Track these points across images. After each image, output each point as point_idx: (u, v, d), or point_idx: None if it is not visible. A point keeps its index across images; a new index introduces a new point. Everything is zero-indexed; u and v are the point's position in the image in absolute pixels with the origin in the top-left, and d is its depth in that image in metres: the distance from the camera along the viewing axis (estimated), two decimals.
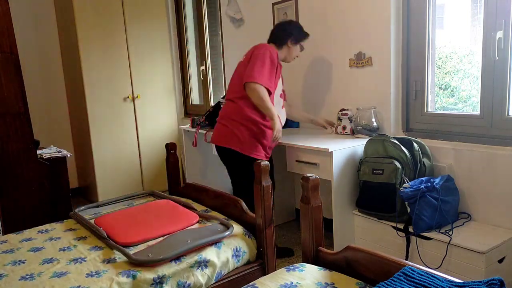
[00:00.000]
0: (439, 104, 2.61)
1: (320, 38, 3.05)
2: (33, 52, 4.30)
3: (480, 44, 2.26)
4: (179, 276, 1.70)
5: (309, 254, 1.67)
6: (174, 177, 2.73)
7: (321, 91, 3.13)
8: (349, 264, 1.52)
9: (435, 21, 2.50)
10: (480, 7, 2.28)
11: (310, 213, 1.62)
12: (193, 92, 4.81)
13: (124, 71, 4.25)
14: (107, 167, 4.22)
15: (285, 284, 1.46)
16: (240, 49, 3.83)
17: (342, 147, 2.49)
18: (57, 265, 1.72)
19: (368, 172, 2.41)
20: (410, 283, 1.25)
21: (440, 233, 2.13)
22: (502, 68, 2.18)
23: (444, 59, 2.58)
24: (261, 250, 2.00)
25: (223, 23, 3.99)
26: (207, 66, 4.45)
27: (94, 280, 1.59)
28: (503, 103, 2.20)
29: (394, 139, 2.39)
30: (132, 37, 4.26)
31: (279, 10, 3.36)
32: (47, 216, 2.91)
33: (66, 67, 4.46)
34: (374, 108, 2.71)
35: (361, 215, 2.51)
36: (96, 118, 4.10)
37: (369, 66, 2.74)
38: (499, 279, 1.16)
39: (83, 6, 3.95)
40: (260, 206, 1.95)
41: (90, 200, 4.38)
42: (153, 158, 4.54)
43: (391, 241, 2.33)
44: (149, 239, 1.90)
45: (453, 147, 2.37)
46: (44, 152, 3.22)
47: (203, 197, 2.44)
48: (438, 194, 2.17)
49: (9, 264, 1.75)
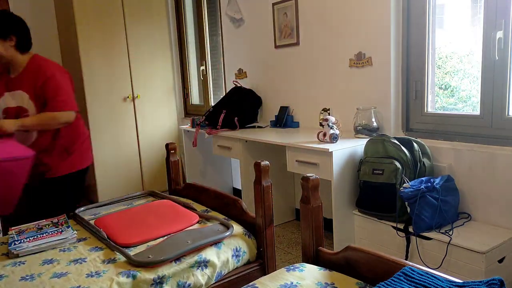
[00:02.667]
0: (439, 104, 2.61)
1: (320, 38, 3.05)
2: (33, 52, 4.29)
3: (480, 44, 2.26)
4: (179, 276, 1.70)
5: (309, 254, 1.67)
6: (174, 177, 2.73)
7: (321, 91, 3.13)
8: (349, 264, 1.52)
9: (435, 21, 2.50)
10: (480, 7, 2.28)
11: (310, 213, 1.62)
12: (193, 92, 4.81)
13: (124, 71, 4.25)
14: (107, 167, 4.22)
15: (285, 284, 1.46)
16: (240, 49, 3.84)
17: (342, 147, 2.49)
18: (57, 266, 1.72)
19: (368, 172, 2.41)
20: (410, 283, 1.26)
21: (440, 233, 2.13)
22: (502, 68, 2.18)
23: (444, 59, 2.58)
24: (261, 250, 2.00)
25: (223, 23, 3.99)
26: (207, 66, 4.45)
27: (94, 280, 1.59)
28: (503, 103, 2.20)
29: (394, 139, 2.39)
30: (132, 37, 4.26)
31: (279, 10, 3.36)
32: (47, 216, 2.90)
33: (66, 67, 4.45)
34: (374, 108, 2.71)
35: (361, 215, 2.51)
36: (96, 118, 4.10)
37: (369, 66, 2.74)
38: (499, 279, 1.16)
39: (83, 6, 3.95)
40: (260, 206, 1.95)
41: (90, 200, 4.38)
42: (153, 158, 4.54)
43: (391, 241, 2.33)
44: (149, 239, 1.90)
45: (453, 147, 2.37)
46: None
47: (203, 197, 2.44)
48: (438, 194, 2.18)
49: (9, 265, 1.75)
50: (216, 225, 1.99)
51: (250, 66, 3.77)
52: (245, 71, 3.83)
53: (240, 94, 3.69)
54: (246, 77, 3.83)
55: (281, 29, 3.37)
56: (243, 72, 3.85)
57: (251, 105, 3.64)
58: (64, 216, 2.21)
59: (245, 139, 3.17)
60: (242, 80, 3.87)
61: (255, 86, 3.74)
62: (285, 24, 3.33)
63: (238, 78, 3.92)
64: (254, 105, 3.67)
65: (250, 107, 3.63)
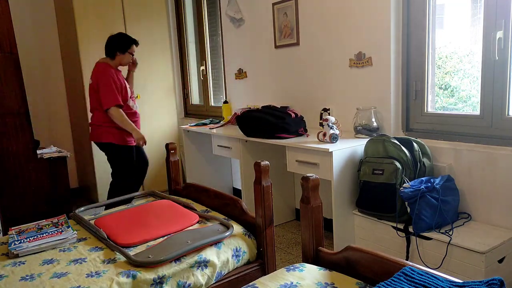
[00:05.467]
0: (439, 104, 2.61)
1: (320, 38, 3.05)
2: (33, 52, 4.30)
3: (480, 44, 2.26)
4: (179, 276, 1.71)
5: (309, 254, 1.67)
6: (174, 177, 2.73)
7: (321, 91, 3.13)
8: (349, 264, 1.52)
9: (435, 21, 2.50)
10: (480, 7, 2.28)
11: (310, 213, 1.62)
12: (193, 92, 4.81)
13: (124, 71, 4.24)
14: (107, 167, 4.19)
15: (285, 284, 1.46)
16: (240, 49, 3.84)
17: (342, 147, 2.49)
18: (57, 266, 1.72)
19: (368, 172, 2.41)
20: (410, 283, 1.26)
21: (440, 233, 2.13)
22: (502, 68, 2.18)
23: (444, 59, 2.58)
24: (261, 250, 2.00)
25: (223, 23, 3.99)
26: (207, 66, 4.45)
27: (94, 280, 1.59)
28: (503, 103, 2.20)
29: (395, 139, 2.39)
30: (132, 37, 4.25)
31: (279, 10, 3.36)
32: (47, 216, 2.91)
33: (66, 67, 4.46)
34: (374, 108, 2.71)
35: (361, 215, 2.51)
36: None
37: (369, 66, 2.74)
38: (499, 279, 1.16)
39: (83, 6, 3.96)
40: (260, 206, 1.95)
41: (90, 200, 4.38)
42: (153, 158, 4.54)
43: (391, 241, 2.33)
44: (150, 240, 1.90)
45: (453, 147, 2.37)
46: (44, 152, 3.22)
47: (203, 197, 2.44)
48: (438, 194, 2.18)
49: (9, 265, 1.75)
50: (216, 225, 1.99)
51: (250, 66, 3.77)
52: (245, 71, 3.82)
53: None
54: (246, 77, 3.83)
55: (281, 29, 3.37)
56: (243, 72, 3.85)
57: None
58: (64, 216, 2.22)
59: (245, 139, 3.17)
60: (242, 80, 3.87)
61: (255, 86, 3.74)
62: (285, 24, 3.33)
63: (238, 78, 3.92)
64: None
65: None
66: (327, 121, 2.61)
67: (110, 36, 3.27)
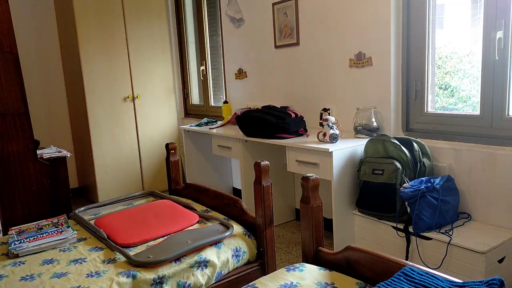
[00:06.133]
0: (439, 104, 2.61)
1: (320, 38, 3.05)
2: (33, 52, 4.30)
3: (480, 44, 2.26)
4: (179, 276, 1.71)
5: (309, 254, 1.67)
6: (174, 177, 2.73)
7: (321, 91, 3.13)
8: (349, 264, 1.52)
9: (435, 21, 2.50)
10: (480, 7, 2.28)
11: (310, 213, 1.62)
12: (193, 92, 4.81)
13: (124, 71, 4.25)
14: (107, 167, 4.22)
15: (285, 284, 1.46)
16: (240, 49, 3.84)
17: (342, 147, 2.49)
18: (57, 266, 1.72)
19: (368, 172, 2.41)
20: (410, 283, 1.26)
21: (440, 233, 2.13)
22: (502, 68, 2.18)
23: (444, 59, 2.58)
24: (261, 250, 2.00)
25: (223, 23, 3.99)
26: (207, 66, 4.45)
27: (94, 280, 1.59)
28: (503, 103, 2.20)
29: (394, 139, 2.39)
30: (132, 37, 4.27)
31: (279, 10, 3.36)
32: (47, 216, 2.91)
33: (66, 67, 4.46)
34: (374, 108, 2.71)
35: (361, 215, 2.51)
36: (96, 118, 4.10)
37: (369, 66, 2.74)
38: (499, 279, 1.16)
39: (83, 6, 3.95)
40: (260, 206, 1.95)
41: (90, 200, 4.38)
42: (153, 158, 4.55)
43: (391, 241, 2.33)
44: (150, 240, 1.90)
45: (453, 147, 2.37)
46: (44, 152, 3.22)
47: (203, 197, 2.44)
48: (438, 194, 2.18)
49: (9, 265, 1.75)
50: (216, 225, 1.99)
51: (250, 66, 3.77)
52: (245, 71, 3.82)
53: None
54: (246, 77, 3.83)
55: (281, 29, 3.37)
56: (243, 72, 3.85)
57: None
58: (64, 216, 2.22)
59: (245, 139, 3.17)
60: (242, 80, 3.88)
61: (255, 86, 3.74)
62: (285, 24, 3.33)
63: (238, 78, 3.92)
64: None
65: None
66: (327, 121, 2.61)
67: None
